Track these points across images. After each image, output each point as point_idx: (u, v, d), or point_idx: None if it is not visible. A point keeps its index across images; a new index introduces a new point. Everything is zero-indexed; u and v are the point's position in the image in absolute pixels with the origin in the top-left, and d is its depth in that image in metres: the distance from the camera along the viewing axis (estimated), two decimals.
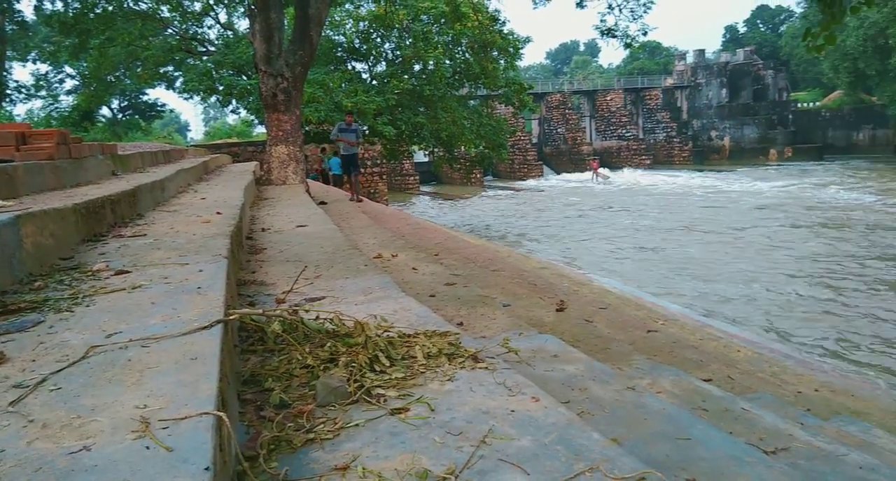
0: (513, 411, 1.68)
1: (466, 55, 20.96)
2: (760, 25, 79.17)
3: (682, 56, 57.42)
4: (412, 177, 40.05)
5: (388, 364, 2.00)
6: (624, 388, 2.75)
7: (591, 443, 1.53)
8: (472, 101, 23.70)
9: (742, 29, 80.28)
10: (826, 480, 2.17)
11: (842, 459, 2.42)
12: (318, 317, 2.29)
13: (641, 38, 13.84)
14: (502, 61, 21.39)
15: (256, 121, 25.17)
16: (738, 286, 11.81)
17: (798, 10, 60.93)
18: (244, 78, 19.14)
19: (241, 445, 1.45)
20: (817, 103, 56.44)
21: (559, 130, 51.65)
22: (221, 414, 1.27)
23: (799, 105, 55.39)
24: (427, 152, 24.75)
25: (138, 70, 22.79)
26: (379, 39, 21.20)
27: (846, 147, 49.33)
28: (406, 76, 20.28)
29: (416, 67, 20.69)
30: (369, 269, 3.54)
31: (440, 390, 1.82)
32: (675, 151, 51.65)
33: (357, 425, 1.63)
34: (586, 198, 31.47)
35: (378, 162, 27.15)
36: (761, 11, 78.85)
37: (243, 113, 26.89)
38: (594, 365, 3.10)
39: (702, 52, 55.82)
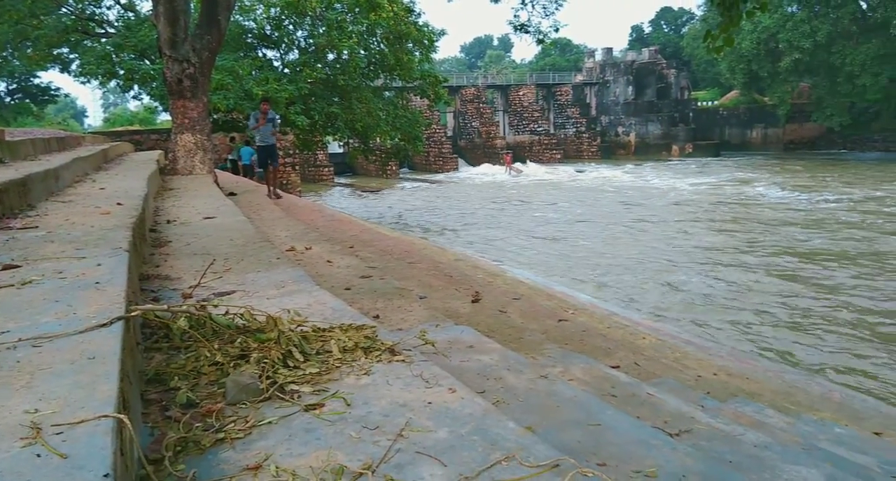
0: (430, 403, 1.68)
1: (381, 46, 20.75)
2: (664, 26, 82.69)
3: (592, 53, 59.19)
4: (326, 169, 39.47)
5: (302, 359, 1.95)
6: (537, 377, 2.80)
7: (506, 432, 1.54)
8: (387, 93, 23.52)
9: (647, 29, 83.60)
10: (725, 459, 2.30)
11: (739, 439, 2.56)
12: (227, 313, 2.20)
13: (553, 35, 14.17)
14: (417, 53, 21.33)
15: (161, 109, 23.98)
16: (643, 275, 12.33)
17: (699, 13, 64.05)
18: (147, 62, 18.18)
19: (144, 448, 1.38)
20: (715, 102, 59.66)
21: (473, 124, 52.20)
22: (122, 416, 1.20)
23: (699, 103, 58.35)
24: (342, 143, 24.41)
25: (28, 51, 21.20)
26: (291, 26, 20.66)
27: (741, 144, 52.40)
28: (319, 65, 19.87)
29: (330, 57, 20.31)
30: (282, 262, 3.45)
31: (356, 384, 1.80)
32: (584, 146, 53.27)
33: (270, 422, 1.58)
34: (500, 191, 31.98)
35: (291, 152, 26.54)
36: (665, 13, 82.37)
37: (146, 99, 25.58)
38: (508, 355, 3.15)
39: (609, 50, 57.75)
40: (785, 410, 3.83)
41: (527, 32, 13.26)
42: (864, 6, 40.41)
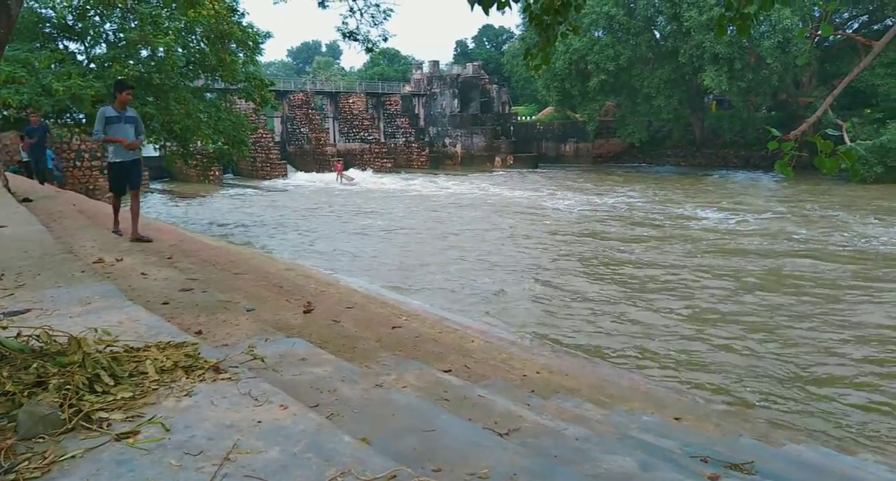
0: (259, 422, 1.59)
1: (202, 45, 19.65)
2: (486, 43, 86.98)
3: (419, 65, 60.59)
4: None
5: (112, 383, 1.76)
6: (372, 386, 2.78)
7: (341, 447, 1.50)
8: (209, 94, 22.31)
9: (471, 44, 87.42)
10: (551, 454, 2.42)
11: (562, 433, 2.72)
12: (20, 334, 1.93)
13: (382, 44, 14.25)
14: (241, 54, 20.47)
15: None
16: (472, 280, 12.77)
17: (517, 32, 68.01)
18: None
19: None
20: (533, 117, 63.69)
21: (303, 130, 51.19)
22: None
23: (518, 118, 61.98)
24: (158, 146, 22.72)
25: None
26: (98, 18, 18.91)
27: (556, 157, 56.32)
28: (132, 62, 18.36)
29: (144, 53, 18.85)
30: (87, 276, 3.11)
31: (177, 407, 1.65)
32: (414, 156, 54.29)
33: (73, 457, 1.40)
34: (331, 198, 31.62)
35: (98, 155, 24.32)
36: (487, 30, 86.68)
37: None
38: (342, 366, 3.09)
39: (436, 63, 59.48)
40: (600, 403, 4.14)
41: (356, 40, 13.21)
42: (658, 35, 45.35)
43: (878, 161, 30.34)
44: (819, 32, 3.04)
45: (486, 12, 4.43)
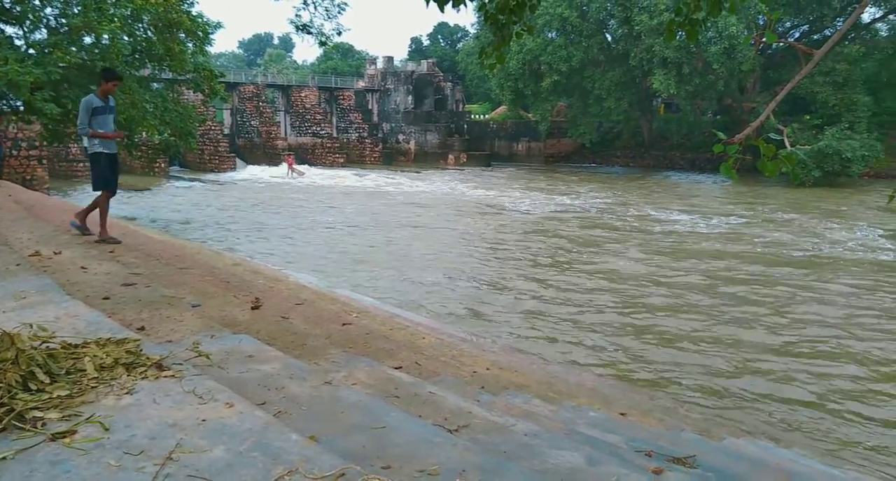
0: (204, 420, 1.55)
1: (149, 33, 19.06)
2: (441, 41, 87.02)
3: (374, 61, 60.20)
4: (82, 164, 35.40)
5: (48, 381, 1.69)
6: (321, 383, 2.74)
7: (289, 445, 1.48)
8: (155, 84, 21.66)
9: (426, 42, 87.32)
10: (500, 450, 2.44)
11: (511, 429, 2.74)
12: None
13: (336, 38, 14.12)
14: (190, 44, 19.93)
15: None
16: (418, 275, 12.78)
17: (472, 31, 68.27)
18: None
19: None
20: (487, 116, 64.04)
21: (253, 123, 50.27)
22: None
23: (472, 116, 62.22)
24: None
25: None
26: (38, 2, 18.13)
27: (509, 156, 56.77)
28: (74, 48, 17.67)
29: (88, 40, 18.16)
30: (23, 269, 2.99)
31: (117, 406, 1.60)
32: (367, 152, 53.93)
33: (4, 458, 1.34)
34: (281, 193, 31.15)
35: (36, 144, 23.41)
36: (441, 28, 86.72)
37: None
38: (291, 363, 3.04)
39: (391, 58, 59.20)
40: (549, 399, 4.19)
41: (309, 33, 13.06)
42: (610, 38, 46.19)
43: (816, 165, 31.60)
44: (764, 39, 3.14)
45: (442, 9, 4.42)
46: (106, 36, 17.36)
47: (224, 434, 1.50)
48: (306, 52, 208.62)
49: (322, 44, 13.48)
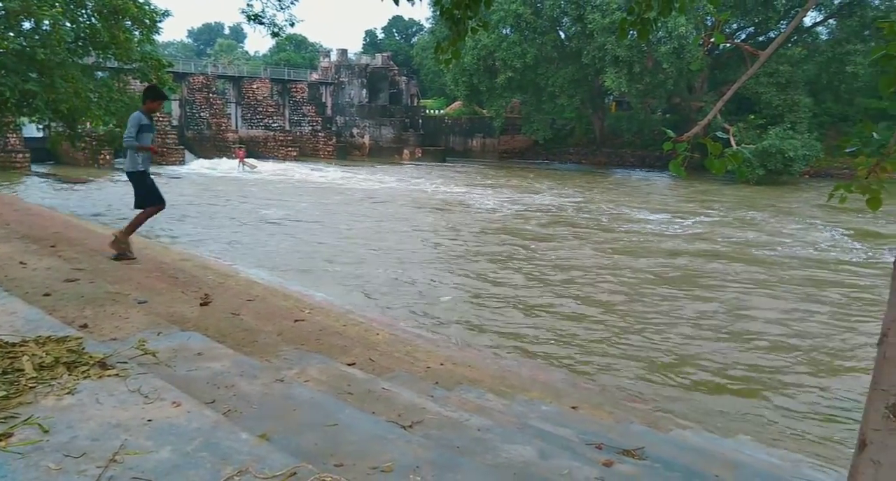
0: (150, 420, 1.50)
1: (93, 20, 18.38)
2: (396, 34, 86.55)
3: (327, 53, 59.48)
4: (21, 155, 34.06)
5: None
6: (273, 381, 2.70)
7: (239, 444, 1.45)
8: (100, 73, 20.93)
9: (380, 35, 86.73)
10: (454, 445, 2.44)
11: (465, 424, 2.75)
12: None
13: (289, 29, 13.85)
14: (137, 33, 19.30)
15: None
16: (376, 273, 12.71)
17: (427, 25, 68.09)
18: None
19: None
20: (442, 111, 64.04)
21: (203, 115, 49.13)
22: None
23: (427, 111, 62.17)
24: (42, 126, 21.11)
25: None
26: None
27: (463, 151, 56.92)
28: (12, 34, 16.93)
29: (27, 26, 17.43)
30: None
31: (57, 406, 1.54)
32: (320, 145, 53.31)
33: None
34: (231, 186, 30.54)
35: None
36: (396, 22, 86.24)
37: None
38: (241, 360, 2.99)
39: (344, 51, 58.61)
40: (502, 393, 4.22)
41: (261, 23, 12.78)
42: (563, 36, 46.70)
43: (760, 164, 32.64)
44: (712, 40, 3.21)
45: (397, 3, 4.40)
46: (47, 21, 16.70)
47: (171, 434, 1.46)
48: (258, 43, 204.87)
49: (275, 35, 13.21)
